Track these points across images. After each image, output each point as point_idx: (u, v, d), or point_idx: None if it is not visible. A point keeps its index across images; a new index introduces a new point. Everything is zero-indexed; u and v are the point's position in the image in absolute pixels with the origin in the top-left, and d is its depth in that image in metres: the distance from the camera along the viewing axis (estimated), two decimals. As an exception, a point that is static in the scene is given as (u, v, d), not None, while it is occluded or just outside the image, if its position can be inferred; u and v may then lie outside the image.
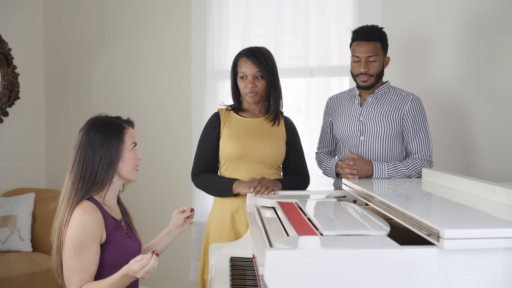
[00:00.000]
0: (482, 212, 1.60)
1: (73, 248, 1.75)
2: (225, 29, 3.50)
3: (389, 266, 1.30)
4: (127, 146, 1.88)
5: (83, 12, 4.13)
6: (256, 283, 1.92)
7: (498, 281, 1.31)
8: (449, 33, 2.87)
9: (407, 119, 2.42)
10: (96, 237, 1.78)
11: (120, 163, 1.87)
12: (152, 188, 3.82)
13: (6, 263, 3.35)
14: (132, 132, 1.92)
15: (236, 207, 2.42)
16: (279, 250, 1.32)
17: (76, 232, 1.75)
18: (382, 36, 2.42)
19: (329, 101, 2.66)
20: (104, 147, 1.83)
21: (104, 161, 1.83)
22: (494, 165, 2.75)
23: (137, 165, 1.94)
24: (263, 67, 2.41)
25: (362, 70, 2.39)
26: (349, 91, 2.59)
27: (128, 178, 1.92)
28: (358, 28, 2.45)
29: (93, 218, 1.78)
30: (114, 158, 1.84)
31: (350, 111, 2.52)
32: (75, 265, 1.75)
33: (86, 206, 1.80)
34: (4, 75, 4.04)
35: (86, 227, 1.76)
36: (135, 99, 3.91)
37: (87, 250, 1.76)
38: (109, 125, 1.87)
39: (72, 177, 1.85)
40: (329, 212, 1.91)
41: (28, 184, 4.14)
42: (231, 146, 2.44)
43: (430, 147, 2.44)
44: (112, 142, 1.84)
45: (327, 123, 2.65)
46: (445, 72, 2.89)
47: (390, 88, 2.49)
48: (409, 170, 2.38)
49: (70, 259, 1.75)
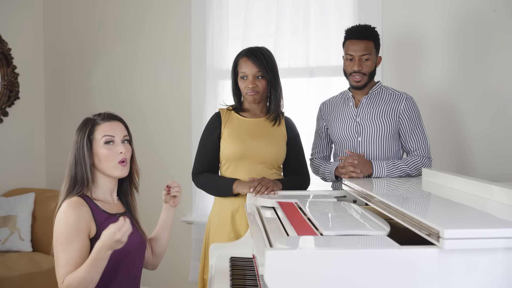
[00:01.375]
0: (482, 212, 1.60)
1: (59, 242, 1.76)
2: (225, 29, 3.50)
3: (389, 266, 1.30)
4: (98, 141, 1.85)
5: (83, 12, 4.13)
6: (256, 283, 1.92)
7: (498, 281, 1.31)
8: (448, 33, 2.87)
9: (403, 118, 2.44)
10: (82, 230, 1.77)
11: (96, 161, 1.85)
12: (152, 188, 3.82)
13: (6, 263, 3.35)
14: (106, 126, 1.87)
15: (236, 207, 2.42)
16: (279, 250, 1.32)
17: (61, 227, 1.77)
18: (375, 35, 2.44)
19: (322, 106, 2.66)
20: (77, 147, 1.85)
21: (78, 160, 1.84)
22: (489, 165, 2.76)
23: (120, 159, 1.86)
24: (263, 67, 2.42)
25: (356, 68, 2.40)
26: (341, 94, 2.60)
27: (109, 174, 1.87)
28: (351, 27, 2.47)
29: (78, 212, 1.78)
30: (85, 156, 1.83)
31: (345, 113, 2.52)
32: (61, 258, 1.75)
33: (71, 201, 1.81)
34: (4, 75, 4.04)
35: (69, 221, 1.76)
36: (135, 99, 3.91)
37: (72, 243, 1.75)
38: (83, 124, 1.89)
39: (64, 180, 1.88)
40: (329, 212, 1.91)
41: (28, 184, 4.14)
42: (232, 146, 2.44)
43: (427, 144, 2.46)
44: (81, 140, 1.85)
45: (321, 128, 2.65)
46: (445, 72, 2.89)
47: (383, 88, 2.50)
48: (409, 167, 2.39)
49: (57, 253, 1.77)
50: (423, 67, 2.96)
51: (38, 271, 3.38)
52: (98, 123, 1.88)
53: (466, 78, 2.82)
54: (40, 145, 4.30)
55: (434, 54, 2.92)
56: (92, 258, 1.70)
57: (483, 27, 2.77)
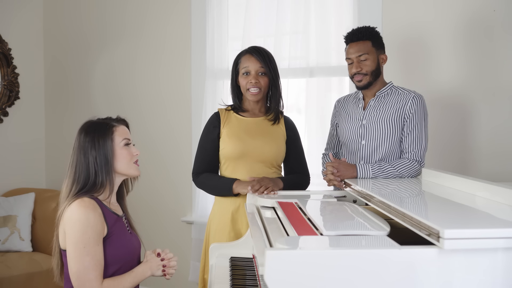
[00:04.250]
0: (482, 212, 1.60)
1: (82, 245, 1.75)
2: (225, 29, 3.50)
3: (389, 266, 1.30)
4: (118, 143, 1.88)
5: (83, 12, 4.13)
6: (256, 283, 1.92)
7: (498, 281, 1.31)
8: (448, 33, 2.87)
9: (407, 117, 2.39)
10: (100, 231, 1.80)
11: (115, 161, 1.88)
12: (153, 188, 3.82)
13: (6, 263, 3.35)
14: (123, 129, 1.93)
15: (237, 206, 2.43)
16: (279, 250, 1.32)
17: (83, 228, 1.75)
18: (371, 34, 2.42)
19: (337, 103, 2.65)
20: (96, 148, 1.85)
21: (99, 161, 1.84)
22: (494, 165, 2.75)
23: (136, 160, 1.94)
24: (267, 64, 2.43)
25: (354, 70, 2.40)
26: (355, 94, 2.58)
27: (127, 173, 1.92)
28: (347, 33, 2.47)
29: (97, 213, 1.79)
30: (107, 156, 1.85)
31: (353, 115, 2.51)
32: (89, 261, 1.74)
33: (86, 201, 1.80)
34: (4, 75, 4.04)
35: (91, 222, 1.76)
36: (135, 99, 3.91)
37: (98, 245, 1.77)
38: (97, 126, 1.89)
39: (69, 181, 1.86)
40: (329, 212, 1.91)
41: (28, 184, 4.14)
42: (231, 145, 2.44)
43: (422, 147, 2.38)
44: (101, 141, 1.85)
45: (333, 125, 2.65)
46: (444, 72, 2.89)
47: (393, 89, 2.46)
48: (397, 170, 2.33)
49: (82, 255, 1.74)
50: (422, 67, 2.96)
51: (38, 271, 3.38)
52: (115, 125, 1.91)
53: (472, 77, 2.81)
54: (40, 145, 4.30)
55: (434, 54, 2.92)
56: (135, 276, 1.84)
57: (487, 26, 2.77)
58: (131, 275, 1.84)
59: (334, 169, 2.31)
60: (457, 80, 2.85)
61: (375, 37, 2.43)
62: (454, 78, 2.86)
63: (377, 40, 2.43)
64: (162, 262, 1.91)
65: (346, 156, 2.54)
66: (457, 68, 2.85)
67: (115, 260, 1.83)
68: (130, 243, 1.90)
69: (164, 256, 1.93)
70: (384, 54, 2.46)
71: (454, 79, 2.86)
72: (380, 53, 2.44)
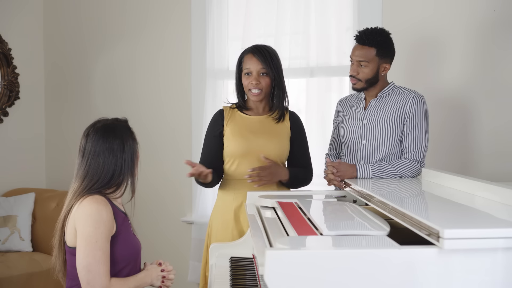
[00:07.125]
0: (482, 212, 1.60)
1: (94, 239, 1.75)
2: (225, 29, 3.50)
3: (388, 266, 1.30)
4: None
5: (83, 12, 4.12)
6: (256, 283, 1.92)
7: (498, 281, 1.31)
8: (448, 33, 2.86)
9: (407, 117, 2.38)
10: (110, 228, 1.81)
11: (136, 162, 1.96)
12: (153, 188, 3.82)
13: (6, 263, 3.35)
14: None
15: (239, 204, 2.44)
16: (279, 250, 1.32)
17: (95, 223, 1.76)
18: (379, 42, 2.36)
19: (339, 103, 2.64)
20: (126, 150, 1.89)
21: (127, 162, 1.89)
22: (495, 165, 2.75)
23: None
24: (268, 64, 2.43)
25: (350, 73, 2.41)
26: (357, 94, 2.56)
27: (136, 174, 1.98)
28: (360, 30, 2.43)
29: (107, 210, 1.81)
30: (133, 157, 1.92)
31: (354, 115, 2.51)
32: (100, 256, 1.75)
33: (98, 198, 1.82)
34: (4, 75, 4.04)
35: (103, 218, 1.78)
36: (135, 99, 3.90)
37: (108, 240, 1.79)
38: (120, 128, 1.93)
39: (85, 181, 1.85)
40: (329, 212, 1.92)
41: (28, 184, 4.14)
42: (234, 143, 2.45)
43: (422, 147, 2.37)
44: (130, 144, 1.92)
45: (335, 125, 2.65)
46: (445, 72, 2.89)
47: (394, 89, 2.45)
48: (397, 170, 2.33)
49: (94, 249, 1.75)
50: (423, 67, 2.96)
51: (38, 271, 3.38)
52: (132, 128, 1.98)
53: (475, 78, 2.80)
54: (40, 145, 4.30)
55: (434, 54, 2.92)
56: (138, 280, 1.86)
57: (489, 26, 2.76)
58: (135, 278, 1.86)
59: (334, 169, 2.32)
60: (458, 80, 2.85)
61: (383, 45, 2.37)
62: (454, 78, 2.86)
63: (383, 49, 2.37)
64: (162, 273, 1.93)
65: (346, 156, 2.53)
66: (457, 68, 2.85)
67: (121, 259, 1.84)
68: (135, 242, 1.92)
69: (164, 267, 1.96)
70: (388, 64, 2.41)
71: (455, 79, 2.86)
72: (384, 62, 2.39)
